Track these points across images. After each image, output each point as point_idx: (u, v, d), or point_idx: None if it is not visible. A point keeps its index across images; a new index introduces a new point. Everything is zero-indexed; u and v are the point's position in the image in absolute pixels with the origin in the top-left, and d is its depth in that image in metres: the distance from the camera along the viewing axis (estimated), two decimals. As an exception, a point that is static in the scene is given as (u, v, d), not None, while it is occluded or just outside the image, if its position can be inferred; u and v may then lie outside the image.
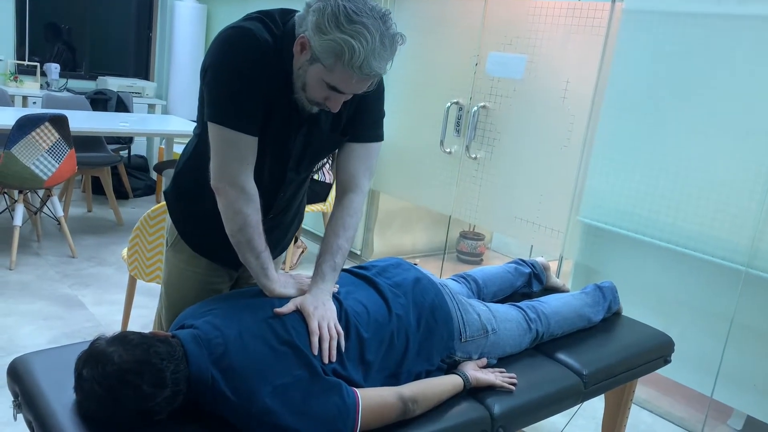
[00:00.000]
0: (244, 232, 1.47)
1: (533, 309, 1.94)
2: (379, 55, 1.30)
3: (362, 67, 1.30)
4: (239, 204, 1.46)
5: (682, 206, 2.72)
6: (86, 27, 6.11)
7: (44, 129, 3.56)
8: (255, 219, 1.48)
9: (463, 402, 1.59)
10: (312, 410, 1.32)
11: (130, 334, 1.26)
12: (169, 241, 1.70)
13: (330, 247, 1.56)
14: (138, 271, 2.62)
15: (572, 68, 3.12)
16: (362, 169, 1.60)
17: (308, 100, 1.42)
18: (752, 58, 2.50)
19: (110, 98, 5.24)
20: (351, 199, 1.59)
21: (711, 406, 2.86)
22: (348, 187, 1.60)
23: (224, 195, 1.46)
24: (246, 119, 1.42)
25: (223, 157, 1.44)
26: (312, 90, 1.39)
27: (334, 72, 1.32)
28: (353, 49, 1.27)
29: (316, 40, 1.31)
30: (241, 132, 1.41)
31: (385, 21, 1.30)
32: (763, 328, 2.57)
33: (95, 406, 1.23)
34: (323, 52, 1.31)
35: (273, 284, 1.52)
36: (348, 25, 1.27)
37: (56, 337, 2.91)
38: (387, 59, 1.33)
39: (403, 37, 1.35)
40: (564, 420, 2.70)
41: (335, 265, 1.54)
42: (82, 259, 3.88)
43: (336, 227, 1.58)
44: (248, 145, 1.44)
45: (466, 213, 3.69)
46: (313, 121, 1.50)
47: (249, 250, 1.49)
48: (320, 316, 1.43)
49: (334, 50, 1.29)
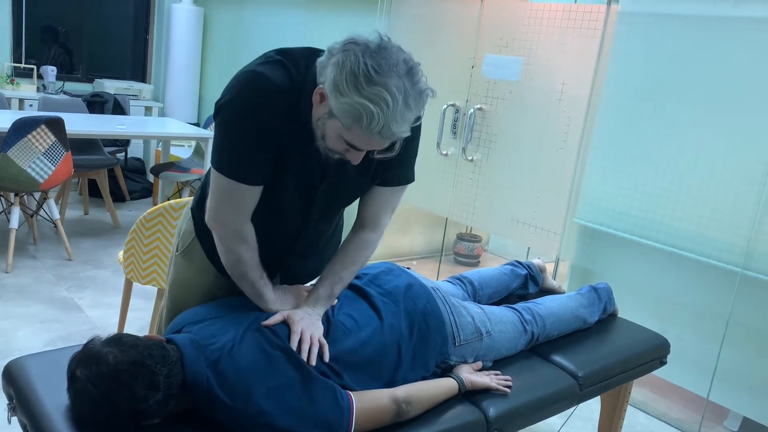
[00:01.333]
0: (237, 267, 1.48)
1: (528, 310, 1.94)
2: (402, 117, 1.20)
3: (382, 132, 1.21)
4: (231, 244, 1.45)
5: (678, 208, 2.73)
6: (83, 29, 6.11)
7: (40, 132, 3.56)
8: (248, 256, 1.46)
9: (458, 405, 1.59)
10: (306, 411, 1.32)
11: (124, 336, 1.26)
12: (180, 248, 1.67)
13: (332, 275, 1.55)
14: (134, 274, 2.62)
15: (568, 70, 3.12)
16: (386, 209, 1.58)
17: (328, 149, 1.33)
18: (747, 60, 2.50)
19: (107, 101, 5.24)
20: (368, 237, 1.58)
21: (707, 408, 2.86)
22: (368, 224, 1.57)
23: (217, 235, 1.47)
24: (248, 170, 1.35)
25: (219, 202, 1.41)
26: (331, 142, 1.31)
27: (352, 132, 1.24)
28: (372, 114, 1.17)
29: (333, 101, 1.21)
30: (240, 182, 1.36)
31: (411, 77, 1.21)
32: (759, 329, 2.58)
33: (88, 407, 1.22)
34: (341, 114, 1.22)
35: (269, 305, 1.52)
36: (368, 87, 1.17)
37: (53, 340, 2.91)
38: (410, 120, 1.24)
39: (433, 92, 1.26)
40: (560, 422, 2.70)
41: (332, 293, 1.55)
42: (78, 262, 3.88)
43: (345, 260, 1.56)
44: (247, 195, 1.39)
45: (463, 215, 3.70)
46: (339, 168, 1.42)
47: (244, 281, 1.50)
48: (305, 324, 1.44)
49: (351, 114, 1.20)
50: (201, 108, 6.25)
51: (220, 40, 5.95)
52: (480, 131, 3.55)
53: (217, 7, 5.97)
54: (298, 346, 1.39)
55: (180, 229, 1.70)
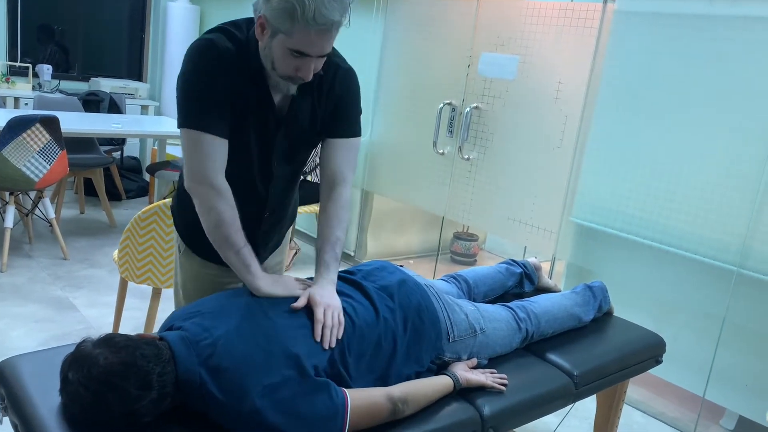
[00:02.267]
0: (220, 229, 1.51)
1: (523, 309, 1.94)
2: (329, 4, 1.34)
3: (316, 17, 1.34)
4: (211, 200, 1.50)
5: (675, 206, 2.73)
6: (79, 28, 6.09)
7: (35, 130, 3.55)
8: (229, 215, 1.52)
9: (453, 403, 1.59)
10: (301, 410, 1.31)
11: (116, 336, 1.26)
12: (181, 249, 1.77)
13: (329, 239, 1.61)
14: (129, 273, 2.61)
15: (564, 69, 3.12)
16: (345, 162, 1.67)
17: (280, 77, 1.47)
18: (743, 59, 2.50)
19: (103, 99, 5.23)
20: (340, 193, 1.65)
21: (703, 406, 2.86)
22: (335, 181, 1.66)
23: (197, 194, 1.52)
24: (209, 120, 1.48)
25: (191, 158, 1.51)
26: (281, 65, 1.44)
27: (294, 34, 1.37)
28: (302, 2, 1.32)
29: (268, 10, 1.37)
30: (205, 132, 1.48)
31: None
32: (754, 328, 2.58)
33: (80, 409, 1.22)
34: (278, 18, 1.36)
35: (258, 280, 1.52)
36: None
37: (47, 340, 2.90)
38: (338, 8, 1.36)
39: None
40: (557, 420, 2.70)
41: (336, 255, 1.61)
42: (74, 261, 3.86)
43: (330, 220, 1.63)
44: (215, 145, 1.49)
45: (459, 214, 3.69)
46: (291, 118, 1.58)
47: (227, 247, 1.52)
48: (326, 304, 1.48)
49: (285, 10, 1.34)
50: (197, 107, 6.24)
51: (217, 39, 5.94)
52: (476, 130, 3.55)
53: (213, 5, 5.95)
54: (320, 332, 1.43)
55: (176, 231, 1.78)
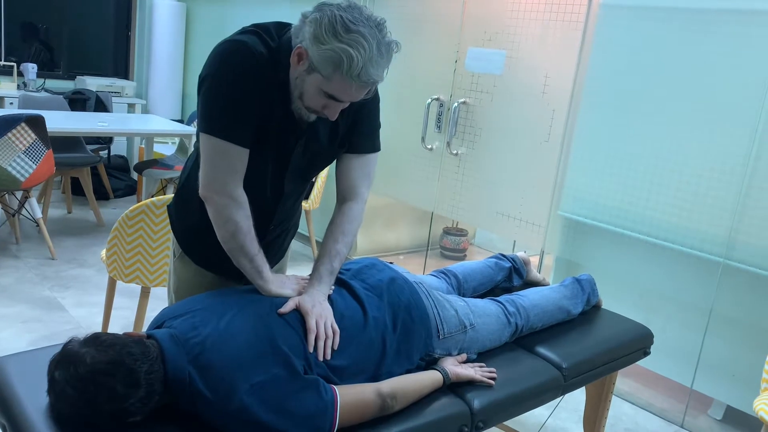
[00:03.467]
0: (236, 239, 1.50)
1: (512, 303, 1.95)
2: (377, 63, 1.33)
3: (361, 75, 1.32)
4: (229, 211, 1.48)
5: (661, 199, 2.75)
6: (64, 26, 6.03)
7: (20, 130, 3.52)
8: (246, 225, 1.50)
9: (443, 397, 1.59)
10: (290, 408, 1.31)
11: (102, 335, 1.25)
12: (176, 253, 1.73)
13: (329, 251, 1.59)
14: (117, 272, 2.60)
15: (551, 63, 3.13)
16: (361, 178, 1.64)
17: (306, 108, 1.44)
18: (728, 52, 2.52)
19: (89, 98, 5.19)
20: (351, 207, 1.63)
21: (691, 397, 2.89)
22: (348, 196, 1.64)
23: (212, 203, 1.49)
24: (237, 130, 1.43)
25: (212, 167, 1.46)
26: (309, 99, 1.41)
27: (333, 81, 1.35)
28: (352, 58, 1.30)
29: (314, 50, 1.33)
30: (232, 143, 1.43)
31: (380, 29, 1.34)
32: (741, 318, 2.60)
33: (68, 409, 1.21)
34: (321, 62, 1.33)
35: (269, 285, 1.53)
36: (346, 34, 1.30)
37: (35, 340, 2.88)
38: (384, 66, 1.35)
39: (398, 45, 1.38)
40: (547, 413, 2.72)
41: (333, 268, 1.58)
42: (62, 261, 3.84)
43: (335, 233, 1.61)
44: (238, 156, 1.45)
45: (448, 209, 3.70)
46: (311, 134, 1.53)
47: (242, 255, 1.51)
48: (317, 314, 1.46)
49: (332, 60, 1.31)
50: (184, 105, 6.21)
51: (203, 36, 5.91)
52: (464, 125, 3.55)
53: (199, 3, 5.92)
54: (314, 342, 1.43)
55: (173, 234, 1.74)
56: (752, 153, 2.48)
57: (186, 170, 1.67)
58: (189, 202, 1.65)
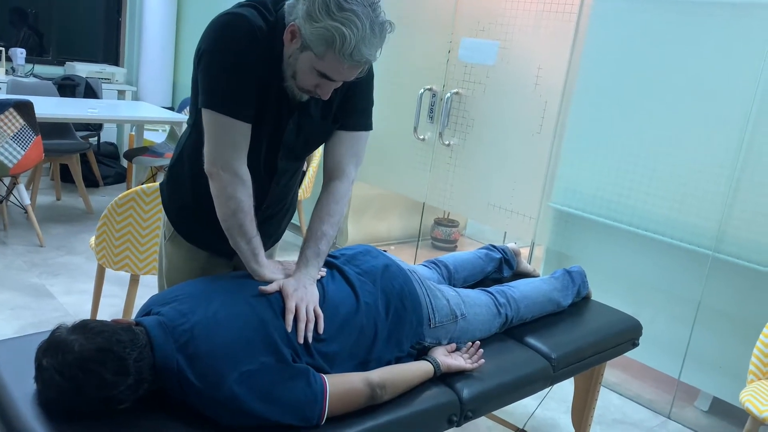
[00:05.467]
0: (236, 217, 1.48)
1: (503, 294, 1.95)
2: (370, 42, 1.31)
3: (353, 54, 1.31)
4: (232, 188, 1.46)
5: (651, 191, 2.76)
6: (53, 11, 5.96)
7: (8, 115, 3.48)
8: (248, 204, 1.49)
9: (432, 386, 1.60)
10: (279, 396, 1.31)
11: (91, 322, 1.24)
12: (167, 235, 1.70)
13: (314, 233, 1.58)
14: (106, 260, 2.58)
15: (544, 54, 3.12)
16: (349, 156, 1.61)
17: (298, 87, 1.43)
18: (721, 45, 2.52)
19: (78, 84, 5.14)
20: (336, 186, 1.61)
21: (678, 388, 2.91)
22: (334, 174, 1.61)
23: (217, 179, 1.47)
24: (240, 105, 1.42)
25: (216, 143, 1.44)
26: (302, 78, 1.40)
27: (325, 59, 1.33)
28: (344, 36, 1.28)
29: (307, 27, 1.32)
30: (236, 118, 1.42)
31: (374, 9, 1.32)
32: (728, 311, 2.62)
33: (56, 396, 1.20)
34: (314, 40, 1.32)
35: (263, 269, 1.52)
36: (339, 12, 1.28)
37: (23, 327, 2.86)
38: (377, 46, 1.34)
39: (392, 25, 1.37)
40: (535, 403, 2.73)
41: (319, 251, 1.56)
42: (50, 248, 3.81)
43: (321, 213, 1.59)
44: (242, 131, 1.45)
45: (440, 200, 3.70)
46: (303, 109, 1.52)
47: (240, 235, 1.50)
48: (299, 297, 1.45)
49: (325, 37, 1.30)
50: (175, 92, 6.16)
51: (195, 23, 5.85)
52: (457, 116, 3.54)
53: (191, -11, 5.86)
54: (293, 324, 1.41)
55: (164, 216, 1.72)
56: (743, 146, 2.49)
57: (179, 147, 1.65)
58: (181, 180, 1.64)
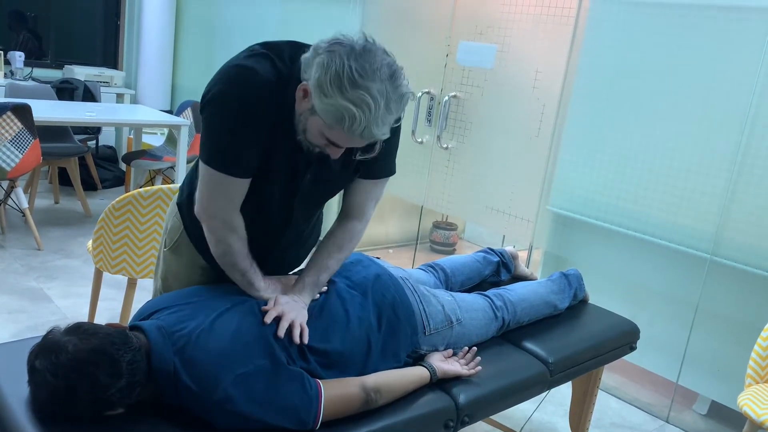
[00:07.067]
0: (227, 257, 1.50)
1: (499, 297, 1.95)
2: (383, 120, 1.24)
3: (363, 134, 1.24)
4: (221, 234, 1.47)
5: (650, 195, 2.75)
6: (52, 14, 5.96)
7: (6, 119, 3.48)
8: (238, 246, 1.48)
9: (429, 391, 1.59)
10: (274, 400, 1.31)
11: (84, 324, 1.24)
12: (168, 244, 1.69)
13: (318, 264, 1.57)
14: (104, 263, 2.58)
15: (542, 58, 3.13)
16: (370, 199, 1.60)
17: (309, 143, 1.36)
18: (718, 49, 2.53)
19: (77, 87, 5.14)
20: (354, 226, 1.60)
21: (677, 392, 2.90)
22: (352, 213, 1.60)
23: (206, 224, 1.48)
24: (238, 163, 1.37)
25: (210, 194, 1.42)
26: (312, 137, 1.33)
27: (334, 131, 1.27)
28: (354, 117, 1.21)
29: (317, 100, 1.24)
30: (231, 176, 1.38)
31: (393, 81, 1.24)
32: (726, 314, 2.62)
33: (48, 397, 1.20)
34: (323, 114, 1.25)
35: (261, 293, 1.53)
36: (351, 89, 1.20)
37: (20, 331, 2.86)
38: (391, 123, 1.27)
39: (413, 95, 1.31)
40: (533, 407, 2.72)
41: (318, 281, 1.56)
42: (48, 252, 3.81)
43: (330, 247, 1.58)
44: (236, 187, 1.41)
45: (438, 203, 3.70)
46: (322, 160, 1.44)
47: (234, 271, 1.51)
48: (288, 308, 1.44)
49: (334, 116, 1.23)
50: (174, 95, 6.16)
51: (194, 26, 5.86)
52: (455, 119, 3.54)
53: (190, -7, 5.87)
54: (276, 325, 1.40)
55: (167, 225, 1.70)
56: (740, 149, 2.49)
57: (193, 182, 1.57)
58: None
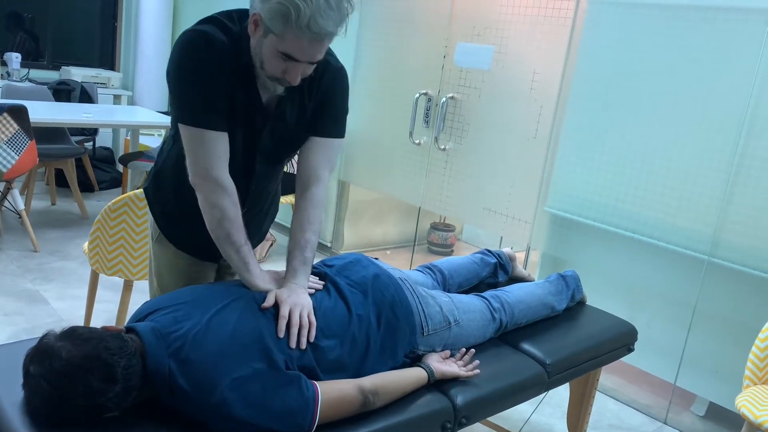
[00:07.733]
0: (222, 226, 1.50)
1: (497, 298, 1.94)
2: (325, 13, 1.32)
3: (310, 25, 1.31)
4: (215, 197, 1.49)
5: (647, 196, 2.75)
6: (49, 15, 5.95)
7: (2, 120, 3.47)
8: (233, 212, 1.51)
9: (426, 393, 1.59)
10: (270, 403, 1.30)
11: (79, 328, 1.23)
12: (154, 236, 1.74)
13: (298, 243, 1.58)
14: (100, 265, 2.57)
15: (539, 59, 3.12)
16: (323, 161, 1.63)
17: (267, 77, 1.44)
18: (716, 51, 2.52)
19: (74, 89, 5.13)
20: (313, 192, 1.62)
21: (675, 393, 2.90)
22: (310, 180, 1.62)
23: (201, 190, 1.51)
24: (210, 115, 1.46)
25: (195, 155, 1.49)
26: (269, 64, 1.41)
27: (286, 38, 1.35)
28: (298, 8, 1.29)
29: (264, 8, 1.34)
30: (207, 129, 1.46)
31: None
32: (724, 315, 2.62)
33: (42, 403, 1.19)
34: (272, 19, 1.33)
35: (255, 278, 1.53)
36: None
37: (16, 333, 2.84)
38: (334, 19, 1.34)
39: (350, 1, 1.38)
40: (531, 408, 2.72)
41: (305, 259, 1.57)
42: (45, 253, 3.79)
43: (302, 221, 1.60)
44: (217, 140, 1.48)
45: (436, 204, 3.69)
46: (279, 116, 1.54)
47: (229, 244, 1.52)
48: (293, 303, 1.45)
49: (280, 13, 1.31)
50: (171, 96, 6.15)
51: (191, 28, 5.85)
52: (452, 120, 3.54)
53: (187, -6, 5.86)
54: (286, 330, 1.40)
55: (151, 218, 1.76)
56: (737, 151, 2.49)
57: (162, 155, 1.69)
58: (164, 188, 1.68)
